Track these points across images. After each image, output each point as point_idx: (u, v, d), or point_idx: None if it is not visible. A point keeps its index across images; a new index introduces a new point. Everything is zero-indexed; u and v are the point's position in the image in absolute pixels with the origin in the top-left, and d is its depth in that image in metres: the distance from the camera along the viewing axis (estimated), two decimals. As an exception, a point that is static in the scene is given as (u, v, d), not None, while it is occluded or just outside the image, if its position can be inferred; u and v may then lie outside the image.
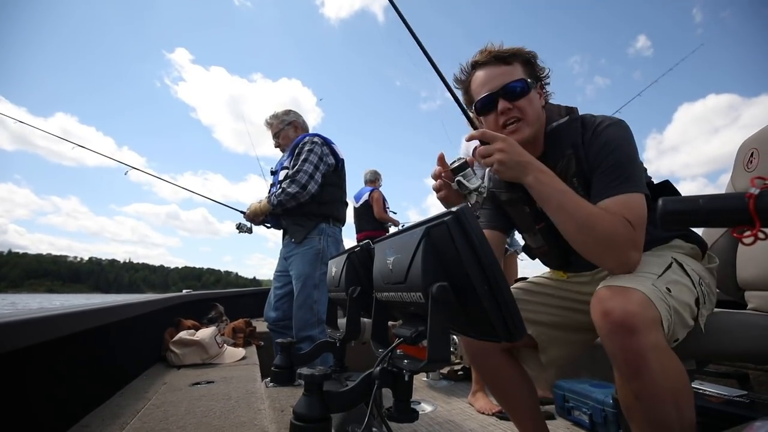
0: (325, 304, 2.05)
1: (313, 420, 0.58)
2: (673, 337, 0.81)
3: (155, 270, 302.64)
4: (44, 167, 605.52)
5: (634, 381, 0.73)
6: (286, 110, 2.42)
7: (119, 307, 1.42)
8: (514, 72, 1.03)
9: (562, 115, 1.07)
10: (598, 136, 0.98)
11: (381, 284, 0.68)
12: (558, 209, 0.89)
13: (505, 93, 1.02)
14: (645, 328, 0.72)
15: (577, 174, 1.01)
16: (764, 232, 0.49)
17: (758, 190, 0.48)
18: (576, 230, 0.88)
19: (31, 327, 0.89)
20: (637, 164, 0.94)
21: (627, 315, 0.73)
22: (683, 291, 0.87)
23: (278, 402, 1.35)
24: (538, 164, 0.92)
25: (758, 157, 1.11)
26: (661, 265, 0.90)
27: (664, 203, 0.54)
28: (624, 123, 0.99)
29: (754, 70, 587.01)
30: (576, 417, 1.71)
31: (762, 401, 1.17)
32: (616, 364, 0.76)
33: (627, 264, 0.86)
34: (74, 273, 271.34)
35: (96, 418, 1.18)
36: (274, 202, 2.12)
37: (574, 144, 1.01)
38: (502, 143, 0.92)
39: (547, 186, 0.90)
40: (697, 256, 1.03)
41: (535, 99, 1.04)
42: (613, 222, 0.85)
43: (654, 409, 0.73)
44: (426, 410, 1.97)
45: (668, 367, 0.73)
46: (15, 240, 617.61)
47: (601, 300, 0.79)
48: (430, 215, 0.58)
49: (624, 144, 0.95)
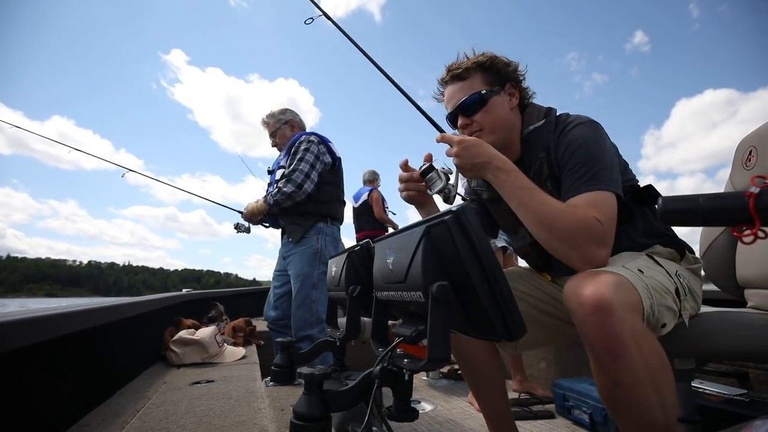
0: (324, 304, 2.05)
1: (313, 419, 0.58)
2: (659, 321, 0.79)
3: (155, 272, 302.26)
4: (42, 171, 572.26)
5: (612, 366, 0.70)
6: (282, 109, 2.41)
7: (119, 306, 1.42)
8: (471, 86, 1.06)
9: (539, 118, 1.07)
10: (564, 136, 0.98)
11: (381, 283, 0.68)
12: (519, 206, 0.90)
13: (461, 110, 1.06)
14: (622, 310, 0.70)
15: (550, 177, 1.01)
16: (764, 230, 0.50)
17: (758, 189, 0.48)
18: (537, 226, 0.88)
19: (32, 326, 0.89)
20: (605, 163, 0.92)
21: (600, 296, 0.71)
22: (657, 275, 0.86)
23: (278, 401, 1.36)
24: (498, 162, 0.93)
25: (757, 155, 1.11)
26: (631, 258, 0.91)
27: (665, 202, 0.54)
28: (594, 123, 0.99)
29: (751, 64, 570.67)
30: (576, 416, 1.71)
31: (762, 400, 1.17)
32: (593, 351, 0.73)
33: (592, 261, 0.84)
34: (73, 277, 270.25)
35: (96, 418, 1.18)
36: (271, 202, 2.11)
37: (546, 147, 1.01)
38: (457, 146, 0.96)
39: (506, 183, 0.91)
40: (675, 259, 1.02)
41: (496, 107, 1.05)
42: (577, 219, 0.85)
43: (634, 394, 0.70)
44: (426, 409, 1.97)
45: (647, 350, 0.71)
46: (13, 244, 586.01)
47: (574, 285, 0.77)
48: None
49: (590, 143, 0.95)
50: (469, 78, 1.06)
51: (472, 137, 0.99)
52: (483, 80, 1.06)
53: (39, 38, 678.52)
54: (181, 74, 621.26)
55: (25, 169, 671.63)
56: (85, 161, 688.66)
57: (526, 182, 0.91)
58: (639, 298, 0.75)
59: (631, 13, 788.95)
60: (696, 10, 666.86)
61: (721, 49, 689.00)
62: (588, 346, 0.74)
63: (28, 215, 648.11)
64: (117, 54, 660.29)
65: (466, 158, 0.95)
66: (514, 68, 1.09)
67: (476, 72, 1.06)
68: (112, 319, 1.36)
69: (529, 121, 1.08)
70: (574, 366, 2.09)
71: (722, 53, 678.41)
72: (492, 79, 1.06)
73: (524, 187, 0.90)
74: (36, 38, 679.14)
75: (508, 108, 1.07)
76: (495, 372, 1.16)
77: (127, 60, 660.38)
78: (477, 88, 1.05)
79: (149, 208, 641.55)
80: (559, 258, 0.89)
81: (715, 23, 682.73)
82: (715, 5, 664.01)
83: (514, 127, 1.08)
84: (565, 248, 0.86)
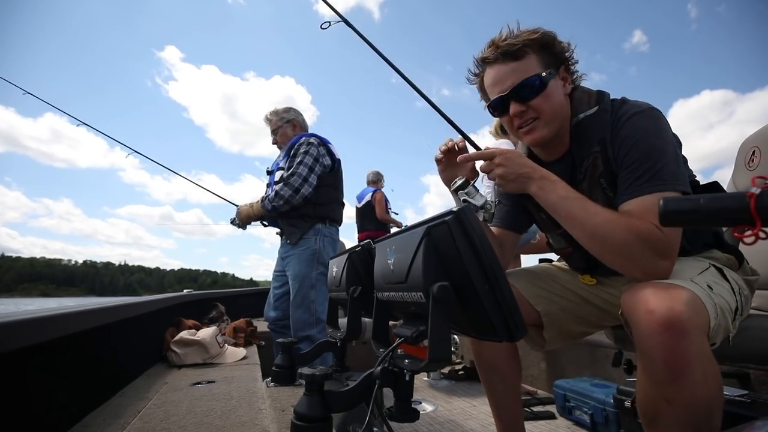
0: (323, 304, 2.06)
1: (314, 420, 0.58)
2: (711, 340, 0.73)
3: (151, 272, 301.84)
4: (35, 169, 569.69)
5: (671, 386, 0.66)
6: (286, 108, 2.42)
7: (120, 307, 1.42)
8: (527, 67, 0.92)
9: (591, 105, 0.94)
10: (621, 128, 0.88)
11: (382, 284, 0.68)
12: (566, 218, 0.84)
13: (516, 94, 0.93)
14: (695, 332, 0.66)
15: (605, 175, 0.91)
16: (765, 231, 0.49)
17: (759, 189, 0.48)
18: (588, 239, 0.82)
19: (33, 327, 0.89)
20: (668, 159, 0.82)
21: (675, 315, 0.66)
22: (724, 293, 0.80)
23: (279, 402, 1.35)
24: (541, 173, 0.87)
25: (760, 156, 1.11)
26: (698, 268, 0.85)
27: (665, 202, 0.54)
28: (654, 111, 0.87)
29: (748, 65, 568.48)
30: (577, 417, 1.71)
31: (763, 401, 1.16)
32: (651, 365, 0.68)
33: (654, 274, 0.78)
34: (69, 276, 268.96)
35: (97, 418, 1.18)
36: (269, 207, 2.12)
37: (601, 140, 0.91)
38: (500, 158, 0.88)
39: (551, 194, 0.85)
40: (734, 267, 0.96)
41: (554, 92, 0.93)
42: (632, 229, 0.78)
43: (685, 415, 0.67)
44: (427, 410, 1.97)
45: (709, 376, 0.66)
46: (7, 243, 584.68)
47: (641, 297, 0.71)
48: (427, 214, 0.58)
49: (650, 135, 0.84)
50: (525, 58, 0.92)
51: (513, 149, 0.92)
52: (539, 61, 0.92)
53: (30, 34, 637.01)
54: (176, 71, 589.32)
55: (18, 167, 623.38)
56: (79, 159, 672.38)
57: (572, 192, 0.85)
58: (708, 319, 0.70)
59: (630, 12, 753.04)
60: (694, 10, 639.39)
61: (719, 50, 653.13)
62: (646, 360, 0.70)
63: (22, 214, 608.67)
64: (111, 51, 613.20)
65: (511, 168, 0.87)
66: (566, 48, 0.97)
67: (532, 51, 0.92)
68: (113, 319, 1.36)
69: (579, 107, 0.95)
70: (575, 366, 2.09)
71: (720, 54, 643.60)
72: (548, 61, 0.93)
73: (571, 197, 0.84)
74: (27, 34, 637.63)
75: (563, 94, 0.95)
76: (514, 374, 1.14)
77: (122, 57, 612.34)
78: (534, 70, 0.91)
79: (145, 207, 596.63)
80: (615, 270, 0.83)
81: (713, 23, 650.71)
82: (714, 5, 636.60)
83: (566, 116, 0.96)
84: (623, 261, 0.80)
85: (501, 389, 1.14)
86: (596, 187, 0.93)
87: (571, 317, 1.08)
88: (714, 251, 0.97)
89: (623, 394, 1.43)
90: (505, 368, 1.13)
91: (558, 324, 1.07)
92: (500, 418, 1.16)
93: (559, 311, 1.07)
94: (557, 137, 0.97)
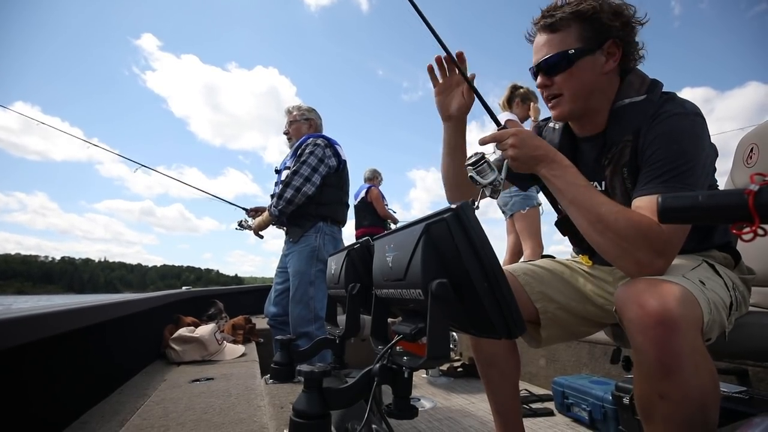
0: (322, 301, 2.07)
1: (312, 417, 0.58)
2: (706, 336, 0.73)
3: (132, 269, 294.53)
4: (7, 161, 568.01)
5: (664, 381, 0.67)
6: (311, 107, 2.46)
7: (119, 304, 1.42)
8: (562, 41, 0.91)
9: (640, 92, 0.92)
10: (658, 124, 0.86)
11: (381, 281, 0.68)
12: (571, 203, 0.85)
13: (542, 67, 0.94)
14: (686, 327, 0.66)
15: (629, 164, 0.90)
16: (763, 228, 0.49)
17: (757, 186, 0.48)
18: (589, 227, 0.82)
19: (30, 324, 0.89)
20: (694, 164, 0.82)
21: (666, 311, 0.66)
22: (717, 288, 0.81)
23: (278, 399, 1.35)
24: (553, 156, 0.87)
25: (758, 153, 1.11)
26: (690, 264, 0.85)
27: (663, 200, 0.54)
28: (696, 117, 0.85)
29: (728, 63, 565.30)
30: (575, 413, 1.71)
31: (761, 398, 1.17)
32: (644, 361, 0.69)
33: (646, 270, 0.78)
34: (46, 273, 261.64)
35: (96, 415, 1.18)
36: (276, 213, 2.15)
37: (636, 130, 0.89)
38: (513, 138, 0.88)
39: (560, 178, 0.85)
40: (729, 265, 0.96)
41: (584, 70, 0.91)
42: (633, 221, 0.78)
43: (680, 411, 0.67)
44: (426, 407, 1.98)
45: (703, 371, 0.67)
46: None
47: (633, 293, 0.72)
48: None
49: (684, 139, 0.83)
50: (562, 30, 0.91)
51: (526, 130, 0.92)
52: (578, 35, 0.91)
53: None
54: (154, 61, 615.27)
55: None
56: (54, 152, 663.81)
57: (581, 179, 0.85)
58: (701, 314, 0.71)
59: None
60: (678, 7, 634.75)
61: (700, 47, 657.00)
62: (639, 356, 0.71)
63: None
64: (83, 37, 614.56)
65: (524, 149, 0.87)
66: (625, 20, 0.92)
67: (572, 23, 0.91)
68: (112, 316, 1.36)
69: (626, 92, 0.93)
70: (574, 363, 2.09)
71: (701, 51, 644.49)
72: (590, 34, 0.91)
73: (579, 185, 0.84)
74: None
75: (601, 71, 0.92)
76: (512, 368, 1.14)
77: (94, 43, 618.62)
78: (568, 44, 0.91)
79: (124, 202, 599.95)
80: (610, 261, 0.84)
81: (695, 20, 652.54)
82: (697, 1, 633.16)
83: (605, 95, 0.94)
84: (619, 253, 0.80)
85: (499, 383, 1.15)
86: (618, 175, 0.92)
87: (570, 316, 1.08)
88: (711, 250, 0.97)
89: (621, 391, 1.44)
90: (503, 362, 1.13)
91: (556, 322, 1.07)
92: (498, 413, 1.16)
93: (559, 310, 1.07)
94: (589, 116, 0.97)
